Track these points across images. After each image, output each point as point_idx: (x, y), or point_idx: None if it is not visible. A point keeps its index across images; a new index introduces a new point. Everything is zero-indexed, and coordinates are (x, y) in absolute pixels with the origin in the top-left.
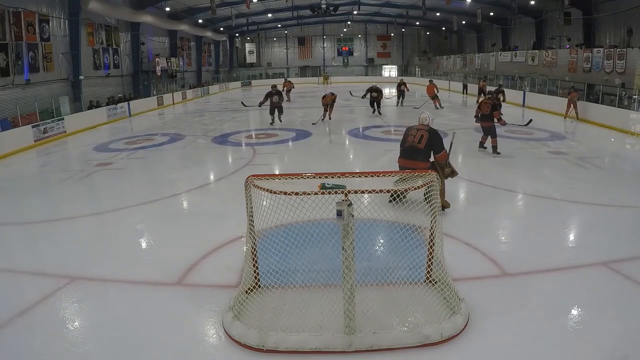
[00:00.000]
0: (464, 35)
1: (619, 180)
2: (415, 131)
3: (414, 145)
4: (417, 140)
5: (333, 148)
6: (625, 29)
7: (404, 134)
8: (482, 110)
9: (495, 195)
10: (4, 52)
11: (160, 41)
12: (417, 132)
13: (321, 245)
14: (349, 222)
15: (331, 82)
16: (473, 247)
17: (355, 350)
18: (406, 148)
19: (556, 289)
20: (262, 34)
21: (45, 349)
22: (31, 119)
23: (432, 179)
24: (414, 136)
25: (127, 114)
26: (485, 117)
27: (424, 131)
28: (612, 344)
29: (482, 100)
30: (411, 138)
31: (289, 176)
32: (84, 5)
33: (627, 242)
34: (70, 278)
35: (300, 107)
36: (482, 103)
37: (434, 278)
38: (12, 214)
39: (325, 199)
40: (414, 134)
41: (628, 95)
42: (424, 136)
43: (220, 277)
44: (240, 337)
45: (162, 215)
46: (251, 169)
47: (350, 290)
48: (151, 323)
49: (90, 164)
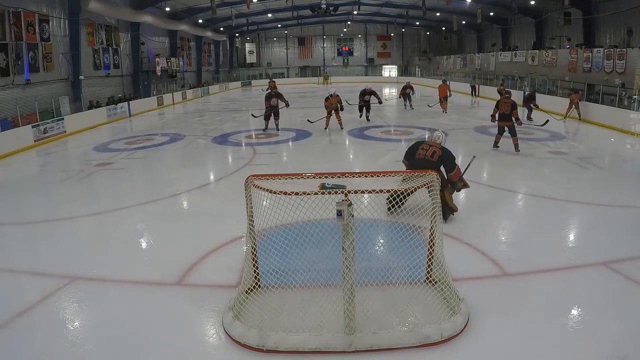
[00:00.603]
0: (464, 35)
1: (619, 180)
2: (427, 146)
3: (426, 159)
4: (429, 155)
5: (333, 148)
6: (625, 29)
7: (410, 148)
8: (502, 109)
9: (495, 195)
10: (4, 52)
11: (160, 41)
12: (429, 148)
13: (321, 245)
14: (349, 222)
15: (331, 82)
16: (473, 247)
17: (355, 350)
18: (417, 161)
19: (556, 289)
20: (262, 34)
21: (45, 349)
22: (31, 119)
23: (433, 179)
24: (426, 150)
25: (127, 114)
26: (504, 117)
27: (436, 148)
28: (612, 344)
29: (501, 99)
30: (422, 152)
31: (289, 176)
32: (84, 5)
33: (627, 242)
34: (70, 278)
35: (300, 107)
36: (501, 102)
37: (434, 278)
38: (12, 214)
39: (325, 199)
40: (426, 149)
41: (628, 95)
42: (436, 152)
43: (220, 277)
44: (240, 337)
45: (162, 215)
46: (251, 169)
47: (350, 290)
48: (151, 323)
49: (90, 164)
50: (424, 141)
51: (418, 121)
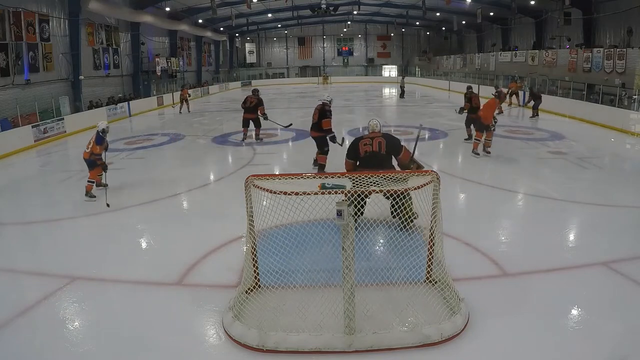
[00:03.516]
0: (464, 35)
1: (619, 180)
2: (369, 140)
3: (374, 152)
4: (375, 147)
5: (333, 148)
6: (625, 29)
7: (351, 146)
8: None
9: (495, 195)
10: (4, 52)
11: (160, 41)
12: (372, 140)
13: (321, 245)
14: (349, 222)
15: (331, 82)
16: (473, 247)
17: (355, 350)
18: (365, 157)
19: (556, 289)
20: (262, 34)
21: (45, 349)
22: (31, 119)
23: (433, 179)
24: (370, 144)
25: (127, 114)
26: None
27: (379, 138)
28: (612, 344)
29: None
30: (367, 147)
31: (289, 176)
32: (84, 5)
33: (627, 242)
34: (70, 278)
35: (300, 107)
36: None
37: (434, 278)
38: (12, 214)
39: (325, 199)
40: (369, 143)
41: (628, 95)
42: (381, 142)
43: (220, 277)
44: (240, 337)
45: (162, 215)
46: (251, 169)
47: (350, 290)
48: (151, 323)
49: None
50: (363, 136)
51: (418, 121)
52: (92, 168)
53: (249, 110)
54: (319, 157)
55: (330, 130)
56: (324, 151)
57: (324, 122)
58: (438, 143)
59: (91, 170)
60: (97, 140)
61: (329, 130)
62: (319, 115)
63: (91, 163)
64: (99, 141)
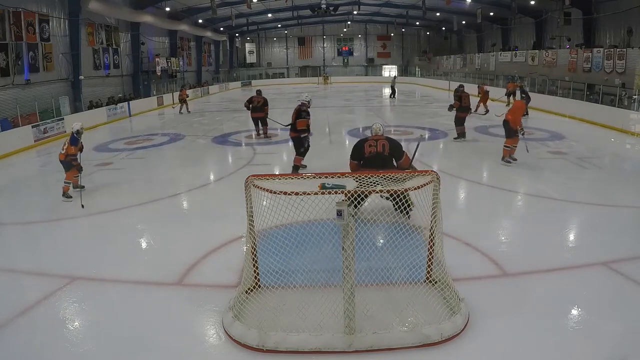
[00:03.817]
0: (464, 35)
1: (619, 180)
2: (373, 142)
3: (378, 153)
4: (380, 149)
5: (333, 148)
6: (625, 29)
7: (355, 147)
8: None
9: (495, 195)
10: (4, 52)
11: (160, 41)
12: (376, 142)
13: (321, 245)
14: (349, 222)
15: (331, 82)
16: (473, 247)
17: (355, 350)
18: (369, 158)
19: (556, 289)
20: (262, 34)
21: (45, 349)
22: (31, 119)
23: (433, 179)
24: (375, 146)
25: (127, 114)
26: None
27: (383, 141)
28: (612, 344)
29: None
30: (372, 148)
31: (289, 176)
32: (84, 5)
33: (627, 242)
34: (70, 278)
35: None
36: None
37: (434, 278)
38: (12, 214)
39: (325, 199)
40: (374, 144)
41: (628, 95)
42: (385, 145)
43: (220, 277)
44: (240, 337)
45: (162, 215)
46: (251, 169)
47: (350, 290)
48: (151, 323)
49: (90, 164)
50: (367, 138)
51: (418, 121)
52: (68, 169)
53: (256, 109)
54: (295, 158)
55: (304, 131)
56: (299, 152)
57: (298, 123)
58: (438, 143)
59: (67, 171)
60: (71, 141)
61: (303, 130)
62: (295, 115)
63: (67, 164)
64: (73, 142)
